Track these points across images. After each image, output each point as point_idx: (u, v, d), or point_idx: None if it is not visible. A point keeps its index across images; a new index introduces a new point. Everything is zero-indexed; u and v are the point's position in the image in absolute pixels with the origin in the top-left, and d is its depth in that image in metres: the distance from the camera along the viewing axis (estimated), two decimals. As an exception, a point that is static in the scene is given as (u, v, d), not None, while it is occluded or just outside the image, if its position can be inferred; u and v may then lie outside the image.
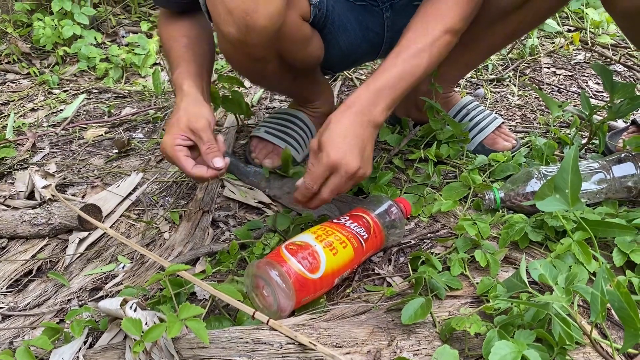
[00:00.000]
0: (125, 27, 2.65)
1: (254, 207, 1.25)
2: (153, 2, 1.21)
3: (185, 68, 1.08)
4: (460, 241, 1.03)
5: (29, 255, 1.14)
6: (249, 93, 1.91)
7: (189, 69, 1.08)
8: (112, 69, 2.19)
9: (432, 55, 1.00)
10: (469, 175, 1.22)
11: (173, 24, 1.17)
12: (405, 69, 0.97)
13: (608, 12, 1.09)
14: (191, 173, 0.95)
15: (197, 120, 0.96)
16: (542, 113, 1.63)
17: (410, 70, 0.98)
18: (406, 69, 0.97)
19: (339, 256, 0.92)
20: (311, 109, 1.43)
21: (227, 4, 0.93)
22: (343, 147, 0.91)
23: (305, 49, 1.12)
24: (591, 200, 1.10)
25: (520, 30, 1.26)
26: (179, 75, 1.07)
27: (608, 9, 1.07)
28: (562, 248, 0.94)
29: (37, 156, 1.58)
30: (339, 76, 1.98)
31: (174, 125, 0.97)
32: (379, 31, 1.27)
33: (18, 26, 2.51)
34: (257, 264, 0.88)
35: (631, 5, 0.99)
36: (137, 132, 1.71)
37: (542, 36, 2.30)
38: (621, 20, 1.09)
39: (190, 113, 0.98)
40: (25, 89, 2.13)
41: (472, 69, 1.64)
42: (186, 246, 1.12)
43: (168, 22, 1.18)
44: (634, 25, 1.07)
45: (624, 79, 1.87)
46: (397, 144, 1.38)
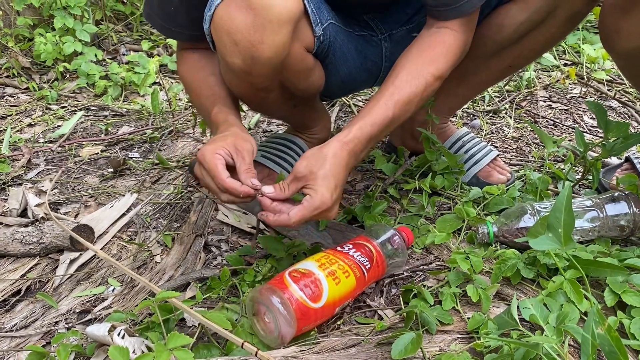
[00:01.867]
0: (127, 45, 2.67)
1: (247, 232, 1.25)
2: (162, 33, 1.22)
3: (224, 105, 1.10)
4: (452, 275, 1.03)
5: (19, 275, 1.13)
6: (247, 116, 1.92)
7: (228, 105, 1.10)
8: (111, 87, 2.20)
9: (422, 100, 1.03)
10: (463, 207, 1.22)
11: (196, 64, 1.18)
12: (395, 114, 0.99)
13: (607, 51, 1.10)
14: (224, 182, 0.90)
15: (244, 142, 0.96)
16: (537, 147, 1.65)
17: (400, 115, 1.00)
18: (396, 115, 0.99)
19: (341, 285, 0.92)
20: (308, 135, 1.44)
21: (233, 36, 0.93)
22: (337, 192, 0.92)
23: (307, 79, 1.13)
24: (584, 238, 1.11)
25: (516, 65, 1.28)
26: (220, 111, 1.08)
27: (607, 48, 1.09)
28: (554, 286, 0.94)
29: (31, 172, 1.58)
30: (337, 102, 1.99)
31: (218, 139, 0.96)
32: (377, 61, 1.29)
33: (19, 40, 2.52)
34: (259, 290, 0.88)
35: (631, 47, 1.00)
36: (133, 151, 1.71)
37: (539, 69, 2.33)
38: (620, 59, 1.11)
39: (238, 135, 0.98)
40: (24, 103, 2.13)
41: (468, 101, 1.65)
42: (177, 270, 1.12)
43: (188, 58, 1.19)
44: (632, 65, 1.09)
45: (619, 114, 1.90)
46: (392, 173, 1.38)
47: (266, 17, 0.91)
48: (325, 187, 0.90)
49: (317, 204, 0.89)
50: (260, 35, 0.92)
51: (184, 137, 1.79)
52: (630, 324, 0.88)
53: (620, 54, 1.06)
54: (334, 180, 0.91)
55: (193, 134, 1.80)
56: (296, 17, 0.95)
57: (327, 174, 0.90)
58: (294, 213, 0.89)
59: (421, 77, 1.01)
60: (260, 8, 0.90)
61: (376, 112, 0.98)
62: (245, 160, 0.94)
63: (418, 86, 1.01)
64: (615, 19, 1.02)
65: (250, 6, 0.91)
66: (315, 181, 0.90)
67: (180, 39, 1.20)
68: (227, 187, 0.91)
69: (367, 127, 0.97)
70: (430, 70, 1.02)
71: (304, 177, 0.91)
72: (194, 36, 1.14)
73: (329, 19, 1.09)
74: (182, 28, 1.15)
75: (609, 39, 1.06)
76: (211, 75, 1.15)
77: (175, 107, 1.97)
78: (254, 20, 0.91)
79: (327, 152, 0.93)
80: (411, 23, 1.25)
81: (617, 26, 1.01)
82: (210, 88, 1.14)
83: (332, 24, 1.11)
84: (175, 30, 1.16)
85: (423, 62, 1.02)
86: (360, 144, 0.97)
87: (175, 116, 1.92)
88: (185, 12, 1.10)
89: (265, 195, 0.92)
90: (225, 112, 1.07)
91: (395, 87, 1.00)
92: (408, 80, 1.01)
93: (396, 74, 1.02)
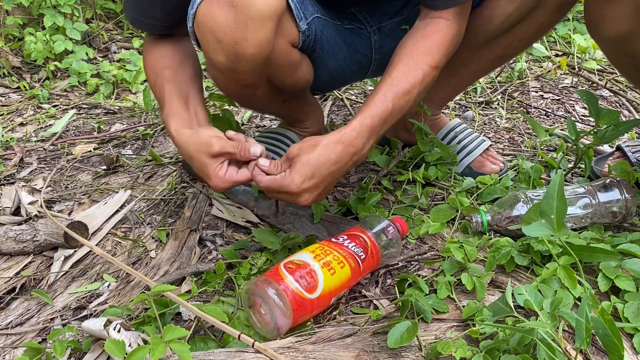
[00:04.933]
0: (118, 43, 2.66)
1: (242, 226, 1.25)
2: (132, 25, 1.20)
3: (169, 107, 1.06)
4: (447, 264, 1.03)
5: (13, 273, 1.13)
6: (240, 111, 1.92)
7: (173, 105, 1.06)
8: (103, 85, 2.19)
9: (421, 91, 1.03)
10: (457, 197, 1.22)
11: (155, 54, 1.16)
12: (396, 105, 0.98)
13: (593, 39, 1.11)
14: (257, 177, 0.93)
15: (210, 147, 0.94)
16: (529, 137, 1.65)
17: (400, 106, 1.00)
18: (396, 107, 0.99)
19: (336, 276, 0.93)
20: (301, 129, 1.44)
21: (216, 33, 0.93)
22: (312, 181, 0.91)
23: (294, 74, 1.13)
24: (577, 225, 1.11)
25: (507, 55, 1.29)
26: (167, 119, 1.05)
27: (593, 35, 1.10)
28: (548, 272, 0.94)
29: (24, 171, 1.57)
30: (329, 96, 1.99)
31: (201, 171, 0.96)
32: (367, 53, 1.29)
33: (9, 40, 2.51)
34: (255, 282, 0.88)
35: (615, 33, 1.01)
36: (126, 148, 1.70)
37: (531, 60, 2.33)
38: (606, 46, 1.12)
39: (200, 150, 0.96)
40: (15, 103, 2.12)
41: (460, 92, 1.66)
42: (172, 265, 1.12)
43: (151, 51, 1.17)
44: (618, 52, 1.10)
45: (610, 103, 1.91)
46: (386, 165, 1.38)
47: (248, 14, 0.91)
48: (299, 172, 0.90)
49: (284, 183, 0.90)
50: (242, 32, 0.92)
51: (177, 134, 1.78)
52: (624, 308, 0.89)
53: (607, 41, 1.07)
54: (311, 169, 0.90)
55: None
56: (278, 13, 0.95)
57: (309, 161, 0.90)
58: (265, 178, 0.92)
59: (418, 67, 1.01)
60: (242, 5, 0.90)
61: (375, 104, 0.98)
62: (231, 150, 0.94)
63: (416, 77, 1.01)
64: (599, 6, 1.02)
65: (232, 3, 0.90)
66: (295, 164, 0.91)
67: (152, 31, 1.19)
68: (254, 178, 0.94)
69: (366, 119, 0.96)
70: (427, 60, 1.02)
71: (293, 158, 0.92)
72: (166, 27, 1.13)
73: (313, 13, 1.09)
74: (155, 20, 1.14)
75: (595, 25, 1.06)
76: (165, 68, 1.12)
77: (168, 104, 1.96)
78: (236, 17, 0.91)
79: (320, 141, 0.93)
80: (400, 15, 1.25)
81: (602, 13, 1.02)
82: (161, 86, 1.10)
83: (317, 18, 1.11)
84: (148, 22, 1.15)
85: (419, 53, 1.02)
86: (360, 138, 0.96)
87: (167, 113, 1.91)
88: (160, 4, 1.09)
89: (259, 167, 0.93)
90: (169, 118, 1.04)
91: (393, 79, 1.00)
92: (405, 71, 1.01)
93: (393, 66, 1.02)
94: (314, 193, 0.93)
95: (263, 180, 0.92)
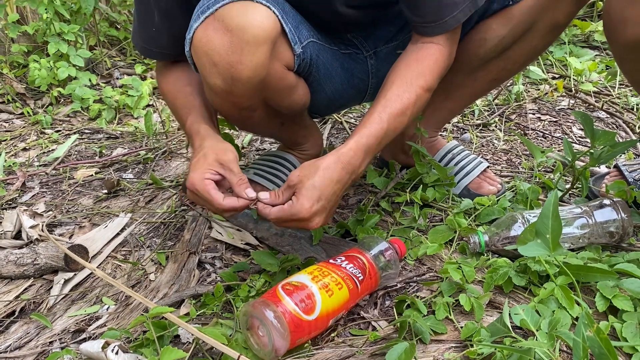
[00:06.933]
0: (120, 69, 2.70)
1: (241, 249, 1.25)
2: (141, 54, 1.25)
3: (197, 114, 1.10)
4: (445, 285, 1.04)
5: (13, 296, 1.13)
6: (240, 135, 1.94)
7: (201, 114, 1.11)
8: (105, 110, 2.22)
9: (414, 112, 1.05)
10: (455, 218, 1.23)
11: (172, 75, 1.20)
12: (390, 126, 1.01)
13: (609, 42, 1.07)
14: (222, 205, 0.93)
15: (225, 154, 0.97)
16: (527, 158, 1.67)
17: (394, 127, 1.02)
18: (391, 127, 1.01)
19: (334, 297, 0.93)
20: (300, 152, 1.46)
21: (212, 57, 0.96)
22: (320, 204, 0.93)
23: (290, 96, 1.15)
24: (574, 245, 1.12)
25: (501, 77, 1.31)
26: (193, 122, 1.09)
27: (611, 40, 1.05)
28: (545, 293, 0.94)
29: (26, 195, 1.58)
30: (329, 119, 2.01)
31: (200, 162, 0.97)
32: (363, 78, 1.31)
33: (14, 67, 2.55)
34: (252, 303, 0.89)
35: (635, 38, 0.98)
36: (127, 172, 1.72)
37: (527, 83, 2.36)
38: (623, 52, 1.08)
39: (217, 148, 0.99)
40: (18, 128, 2.15)
41: (456, 115, 1.68)
42: (171, 288, 1.12)
43: (167, 73, 1.21)
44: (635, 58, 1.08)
45: (607, 125, 1.92)
46: (384, 187, 1.39)
47: (243, 38, 0.93)
48: (307, 197, 0.91)
49: (294, 211, 0.91)
50: (238, 55, 0.94)
51: (177, 157, 1.80)
52: (622, 328, 0.89)
53: (626, 46, 1.02)
54: (318, 192, 0.92)
55: (186, 154, 1.81)
56: (273, 37, 0.97)
57: (314, 184, 0.92)
58: (274, 210, 0.93)
59: (412, 89, 1.04)
60: (237, 29, 0.93)
61: (371, 125, 1.00)
62: (234, 172, 0.96)
63: (409, 98, 1.03)
64: (621, 8, 1.00)
65: (227, 28, 0.93)
66: (300, 190, 0.92)
67: (160, 59, 1.22)
68: (227, 209, 0.94)
69: (362, 139, 0.99)
70: (420, 82, 1.05)
71: (295, 185, 0.93)
72: (173, 55, 1.16)
73: (309, 38, 1.12)
74: (162, 48, 1.17)
75: (615, 29, 1.03)
76: (187, 85, 1.16)
77: (169, 128, 1.99)
78: (231, 41, 0.93)
79: (320, 164, 0.94)
80: (395, 40, 1.27)
81: (623, 16, 0.99)
82: (185, 98, 1.15)
83: (313, 43, 1.13)
84: (155, 51, 1.19)
85: (412, 76, 1.05)
86: (357, 157, 0.98)
87: (168, 137, 1.94)
88: (166, 32, 1.13)
89: (261, 202, 0.95)
90: (198, 123, 1.08)
91: (387, 100, 1.02)
92: (399, 93, 1.03)
93: (387, 88, 1.05)
94: (322, 215, 0.95)
95: (272, 212, 0.93)
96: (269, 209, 0.94)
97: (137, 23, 1.17)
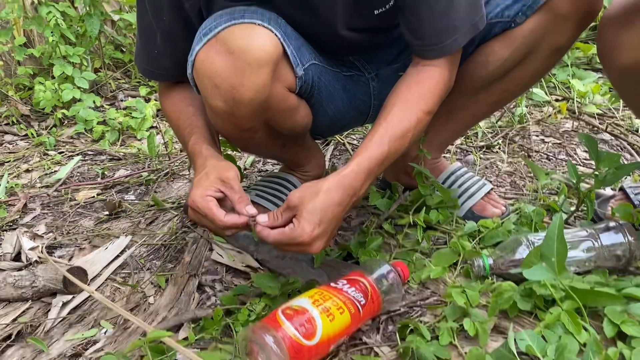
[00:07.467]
0: (125, 92, 2.71)
1: (242, 271, 1.24)
2: (144, 75, 1.26)
3: (200, 135, 1.10)
4: (449, 309, 1.02)
5: (10, 319, 1.12)
6: (242, 156, 1.94)
7: (204, 135, 1.11)
8: (109, 132, 2.23)
9: (414, 135, 1.05)
10: (459, 241, 1.21)
11: (175, 96, 1.20)
12: (391, 149, 1.01)
13: (604, 68, 1.08)
14: (224, 222, 0.92)
15: (227, 171, 0.97)
16: (531, 180, 1.65)
17: (395, 150, 1.02)
18: (392, 150, 1.01)
19: (335, 322, 0.91)
20: (302, 173, 1.45)
21: (214, 79, 0.96)
22: (322, 227, 0.92)
23: (292, 118, 1.15)
24: (580, 269, 1.10)
25: (504, 99, 1.30)
26: (195, 142, 1.08)
27: (605, 65, 1.06)
28: (552, 318, 0.92)
29: (27, 217, 1.58)
30: (331, 140, 2.01)
31: (202, 180, 0.97)
32: (365, 99, 1.31)
33: (20, 89, 2.57)
34: (252, 328, 0.87)
35: (628, 62, 0.99)
36: (129, 194, 1.71)
37: (531, 105, 2.36)
38: (618, 75, 1.09)
39: (219, 166, 0.99)
40: (22, 150, 2.15)
41: (459, 136, 1.67)
42: (170, 311, 1.10)
43: (170, 94, 1.21)
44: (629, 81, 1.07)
45: (612, 147, 1.91)
46: (387, 209, 1.38)
47: (245, 60, 0.93)
48: (307, 220, 0.90)
49: (295, 234, 0.90)
50: (240, 77, 0.94)
51: (179, 179, 1.80)
52: (632, 355, 0.86)
53: (619, 70, 1.03)
54: (319, 215, 0.91)
55: (188, 175, 1.81)
56: (275, 59, 0.97)
57: (315, 208, 0.91)
58: (273, 233, 0.92)
59: (413, 112, 1.04)
60: (239, 52, 0.93)
61: (372, 147, 1.00)
62: (235, 189, 0.95)
63: (410, 121, 1.03)
64: (614, 33, 1.00)
65: (229, 50, 0.93)
66: (301, 213, 0.91)
67: (163, 80, 1.23)
68: (229, 225, 0.93)
69: (364, 162, 0.98)
70: (421, 105, 1.05)
71: (294, 206, 0.92)
72: (176, 76, 1.17)
73: (310, 60, 1.12)
74: (164, 70, 1.18)
75: (608, 54, 1.04)
76: (189, 106, 1.16)
77: (171, 150, 1.99)
78: (233, 63, 0.94)
79: (321, 186, 0.93)
80: (397, 62, 1.28)
81: (616, 40, 1.00)
82: (187, 118, 1.15)
83: (314, 65, 1.14)
84: (158, 72, 1.19)
85: (413, 99, 1.05)
86: (358, 180, 0.97)
87: (171, 158, 1.94)
88: (168, 55, 1.13)
89: (259, 224, 0.93)
90: (200, 143, 1.08)
91: (388, 122, 1.02)
92: (400, 116, 1.03)
93: (388, 111, 1.04)
94: (323, 239, 0.94)
95: (271, 235, 0.92)
96: (267, 231, 0.92)
97: (139, 45, 1.18)
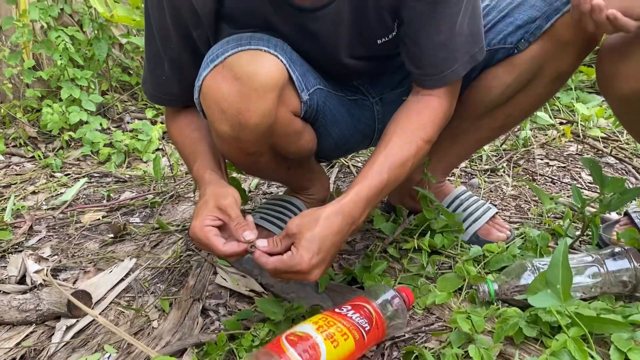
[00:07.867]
0: (131, 114, 2.74)
1: (246, 296, 1.23)
2: (151, 101, 1.27)
3: (203, 160, 1.12)
4: (454, 335, 1.01)
5: (13, 343, 1.11)
6: (247, 179, 1.94)
7: (209, 160, 1.12)
8: (115, 154, 2.24)
9: (414, 164, 1.06)
10: (464, 266, 1.21)
11: (182, 121, 1.21)
12: (391, 178, 1.02)
13: (604, 97, 1.09)
14: (223, 251, 0.93)
15: (224, 199, 0.98)
16: (536, 204, 1.65)
17: (395, 178, 1.03)
18: (391, 178, 1.02)
19: (339, 349, 0.90)
20: (307, 196, 1.45)
21: (220, 104, 0.97)
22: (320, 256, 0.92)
23: (297, 142, 1.16)
24: (586, 295, 1.09)
25: (508, 124, 1.31)
26: (200, 167, 1.10)
27: (605, 93, 1.08)
28: (558, 345, 0.91)
29: (32, 239, 1.58)
30: (336, 163, 2.02)
31: (201, 209, 0.98)
32: (370, 123, 1.32)
33: (28, 111, 2.60)
34: (255, 354, 0.87)
35: (628, 91, 1.00)
36: (134, 216, 1.72)
37: (535, 128, 2.37)
38: (618, 104, 1.10)
39: (217, 194, 0.99)
40: (29, 172, 2.17)
41: (463, 160, 1.68)
42: (174, 336, 1.10)
43: (176, 119, 1.22)
44: (629, 110, 1.08)
45: (616, 170, 1.91)
46: (392, 233, 1.38)
47: (251, 86, 0.95)
48: (306, 249, 0.90)
49: (292, 263, 0.90)
50: (246, 103, 0.96)
51: (184, 201, 1.80)
52: (639, 383, 0.85)
53: (619, 99, 1.05)
54: (317, 244, 0.91)
55: (193, 198, 1.81)
56: (280, 85, 0.99)
57: (314, 236, 0.91)
58: (271, 260, 0.92)
59: (413, 141, 1.05)
60: (246, 78, 0.95)
61: (372, 175, 1.01)
62: (232, 217, 0.96)
63: (410, 150, 1.05)
64: (613, 63, 1.02)
65: (236, 76, 0.95)
66: (300, 241, 0.91)
67: (170, 105, 1.24)
68: (228, 254, 0.94)
69: (363, 190, 0.99)
70: (421, 134, 1.07)
71: (294, 234, 0.93)
72: (183, 101, 1.18)
73: (315, 85, 1.14)
74: (171, 95, 1.19)
75: (607, 83, 1.05)
76: (195, 131, 1.18)
77: (177, 172, 2.00)
78: (239, 89, 0.95)
79: (320, 214, 0.94)
80: (401, 87, 1.29)
81: (615, 70, 1.01)
82: (193, 143, 1.16)
83: (319, 89, 1.15)
84: (165, 98, 1.21)
85: (412, 128, 1.07)
86: (358, 208, 0.98)
87: (176, 181, 1.95)
88: (176, 81, 1.14)
89: (259, 249, 0.94)
90: (204, 168, 1.09)
91: (388, 151, 1.04)
92: (400, 144, 1.05)
93: (388, 139, 1.06)
94: (321, 267, 0.94)
95: (269, 262, 0.92)
96: (265, 257, 0.92)
97: (147, 71, 1.20)
